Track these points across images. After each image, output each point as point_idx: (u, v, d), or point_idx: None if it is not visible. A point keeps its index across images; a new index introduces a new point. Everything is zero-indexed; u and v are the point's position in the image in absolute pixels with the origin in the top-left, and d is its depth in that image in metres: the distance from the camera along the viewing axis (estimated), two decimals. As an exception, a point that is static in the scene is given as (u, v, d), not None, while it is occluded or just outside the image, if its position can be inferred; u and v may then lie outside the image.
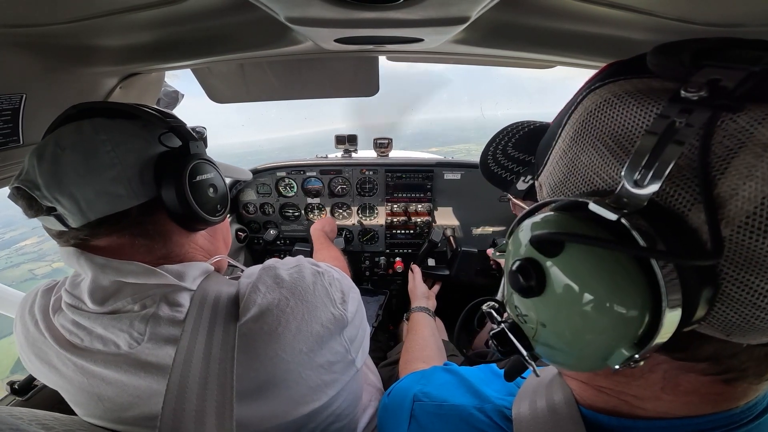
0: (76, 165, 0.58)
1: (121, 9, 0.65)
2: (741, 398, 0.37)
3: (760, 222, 0.27)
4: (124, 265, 0.60)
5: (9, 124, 0.76)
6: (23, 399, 1.01)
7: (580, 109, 0.39)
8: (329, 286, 0.69)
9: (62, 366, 0.62)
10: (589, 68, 0.92)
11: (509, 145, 0.60)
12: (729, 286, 0.29)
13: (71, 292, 0.63)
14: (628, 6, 0.60)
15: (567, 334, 0.34)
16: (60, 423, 0.56)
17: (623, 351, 0.30)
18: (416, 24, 0.68)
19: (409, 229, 1.97)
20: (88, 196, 0.58)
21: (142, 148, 0.63)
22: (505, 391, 0.53)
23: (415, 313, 1.40)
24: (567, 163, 0.39)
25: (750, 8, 0.55)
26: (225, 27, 0.80)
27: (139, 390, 0.59)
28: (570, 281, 0.32)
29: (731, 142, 0.28)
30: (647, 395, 0.38)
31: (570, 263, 0.32)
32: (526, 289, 0.35)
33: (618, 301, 0.30)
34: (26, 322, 0.66)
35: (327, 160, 1.99)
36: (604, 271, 0.30)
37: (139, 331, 0.58)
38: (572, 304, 0.32)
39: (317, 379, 0.64)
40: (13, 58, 0.72)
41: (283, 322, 0.61)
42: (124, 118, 0.65)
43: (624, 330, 0.30)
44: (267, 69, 1.19)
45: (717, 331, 0.31)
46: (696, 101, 0.29)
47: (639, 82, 0.35)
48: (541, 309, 0.36)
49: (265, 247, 1.94)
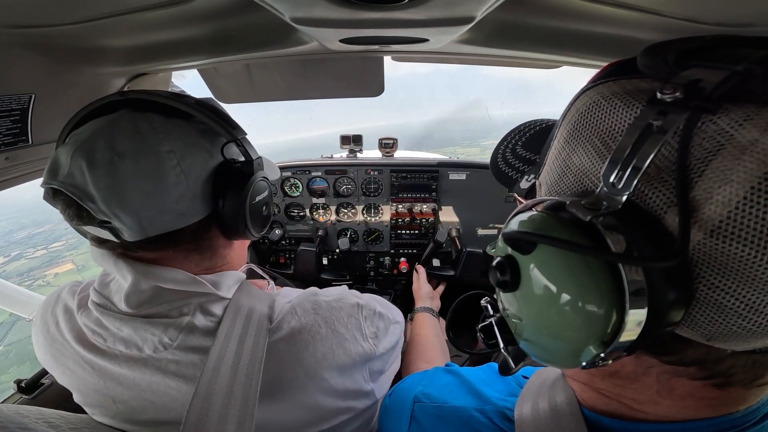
0: (140, 181, 0.54)
1: (128, 10, 0.65)
2: (740, 403, 0.36)
3: (733, 227, 0.26)
4: (166, 272, 0.59)
5: (18, 124, 0.77)
6: (30, 397, 1.02)
7: (572, 109, 0.39)
8: (364, 320, 0.71)
9: (78, 367, 0.62)
10: (596, 68, 0.92)
11: (519, 144, 0.61)
12: (704, 290, 0.29)
13: (100, 292, 0.62)
14: (634, 5, 0.60)
15: (540, 329, 0.35)
16: (66, 421, 0.57)
17: (591, 349, 0.31)
18: (421, 24, 0.68)
19: (414, 230, 1.97)
20: (150, 214, 0.55)
21: (205, 162, 0.60)
22: (507, 392, 0.53)
23: (419, 314, 1.40)
24: (561, 164, 0.39)
25: (759, 7, 0.54)
26: (231, 27, 0.81)
27: (156, 395, 0.60)
28: (541, 278, 0.33)
29: (710, 145, 0.28)
30: (645, 399, 0.38)
31: (541, 261, 0.33)
32: (502, 283, 0.37)
33: (585, 299, 0.30)
34: (47, 321, 0.67)
35: (332, 160, 1.99)
36: (572, 270, 0.31)
37: (171, 338, 0.58)
38: (543, 300, 0.33)
39: (332, 404, 0.65)
40: (22, 58, 0.73)
41: (311, 348, 0.62)
42: (181, 118, 0.60)
43: (591, 328, 0.30)
44: (273, 69, 1.20)
45: (697, 335, 0.31)
46: (671, 103, 0.28)
47: (628, 83, 0.35)
48: (517, 303, 0.37)
49: (270, 246, 1.94)
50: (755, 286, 0.27)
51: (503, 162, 0.61)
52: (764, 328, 0.28)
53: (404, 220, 1.95)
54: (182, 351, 0.59)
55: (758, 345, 0.30)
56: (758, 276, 0.26)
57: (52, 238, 18.71)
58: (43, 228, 21.11)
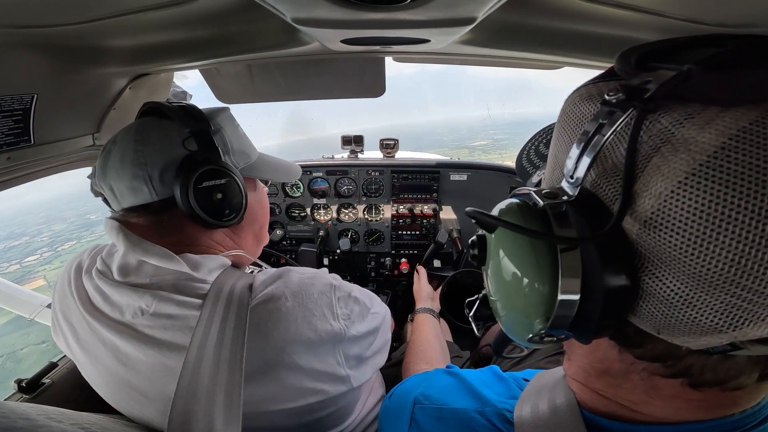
0: (115, 161, 0.68)
1: (130, 10, 0.66)
2: (733, 405, 0.36)
3: (661, 218, 0.28)
4: (151, 247, 0.67)
5: (20, 124, 0.77)
6: (31, 397, 1.02)
7: (561, 110, 0.42)
8: (337, 300, 0.71)
9: (78, 324, 0.70)
10: (597, 69, 0.92)
11: (542, 143, 0.65)
12: (647, 281, 0.30)
13: (105, 260, 0.71)
14: (636, 6, 0.60)
15: (503, 303, 0.40)
16: (68, 417, 0.57)
17: (537, 323, 0.34)
18: (422, 25, 0.68)
19: (415, 230, 1.97)
20: (120, 188, 0.69)
21: (166, 150, 0.70)
22: (507, 394, 0.53)
23: (419, 314, 1.40)
24: (552, 159, 0.43)
25: (761, 8, 0.54)
26: (233, 28, 0.81)
27: (129, 359, 0.64)
28: (499, 255, 0.38)
29: (654, 141, 0.30)
30: (638, 399, 0.39)
31: (499, 240, 0.38)
32: (474, 257, 0.43)
33: (531, 277, 0.34)
34: (63, 279, 0.75)
35: (333, 160, 1.99)
36: (521, 250, 0.35)
37: (147, 304, 0.64)
38: (502, 275, 0.37)
39: (297, 382, 0.65)
40: (25, 58, 0.73)
41: (273, 319, 0.64)
42: (168, 119, 0.73)
43: (536, 304, 0.34)
44: (274, 70, 1.20)
45: (648, 326, 0.32)
46: (615, 103, 0.31)
47: (604, 85, 0.37)
48: (487, 280, 0.42)
49: (271, 247, 1.94)
50: (685, 277, 0.28)
51: (527, 161, 0.66)
52: (699, 324, 0.29)
53: (405, 221, 1.95)
54: (156, 317, 0.63)
55: (704, 343, 0.30)
56: (687, 267, 0.28)
57: (26, 252, 18.48)
58: (19, 241, 20.83)
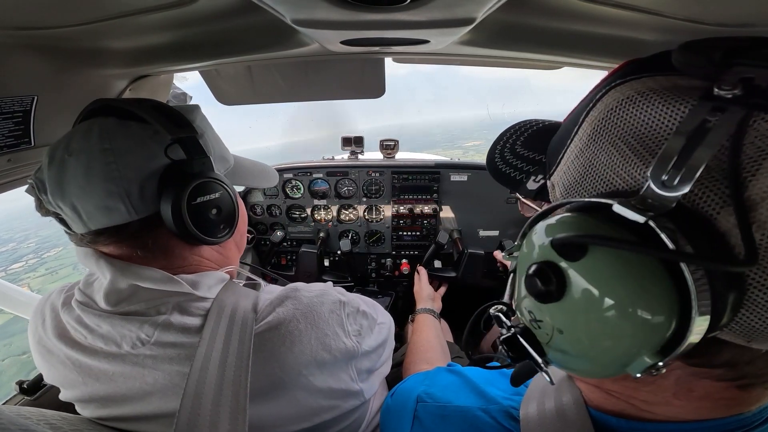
0: (77, 175, 0.57)
1: (131, 11, 0.66)
2: (754, 402, 0.36)
3: None
4: (144, 271, 0.60)
5: (20, 126, 0.77)
6: (32, 398, 1.02)
7: (599, 106, 0.38)
8: (346, 317, 0.69)
9: (60, 364, 0.64)
10: (597, 69, 0.92)
11: (518, 144, 0.59)
12: (755, 292, 0.28)
13: (84, 291, 0.64)
14: (636, 6, 0.60)
15: (586, 341, 0.33)
16: (68, 423, 0.57)
17: (645, 358, 0.29)
18: (422, 26, 0.68)
19: (416, 231, 1.97)
20: (87, 208, 0.58)
21: (145, 161, 0.60)
22: (511, 391, 0.53)
23: (420, 315, 1.40)
24: (583, 163, 0.38)
25: (760, 7, 0.54)
26: (233, 29, 0.81)
27: (132, 390, 0.60)
28: (593, 286, 0.30)
29: (763, 143, 0.27)
30: (657, 400, 0.38)
31: (594, 267, 0.31)
32: (544, 293, 0.33)
33: (644, 306, 0.28)
34: (36, 320, 0.68)
35: (333, 161, 1.99)
36: (631, 275, 0.29)
37: (147, 334, 0.59)
38: (594, 309, 0.30)
39: (312, 402, 0.64)
40: (25, 60, 0.73)
41: (287, 343, 0.62)
42: (137, 121, 0.61)
43: (648, 337, 0.29)
44: (274, 71, 1.20)
45: (738, 338, 0.30)
46: (730, 99, 0.28)
47: (664, 80, 0.34)
48: (559, 315, 0.34)
49: (272, 248, 1.94)
50: None
51: (502, 161, 0.59)
52: None
53: (405, 222, 1.95)
54: (159, 347, 0.59)
55: None
56: None
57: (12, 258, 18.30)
58: (6, 247, 20.61)
